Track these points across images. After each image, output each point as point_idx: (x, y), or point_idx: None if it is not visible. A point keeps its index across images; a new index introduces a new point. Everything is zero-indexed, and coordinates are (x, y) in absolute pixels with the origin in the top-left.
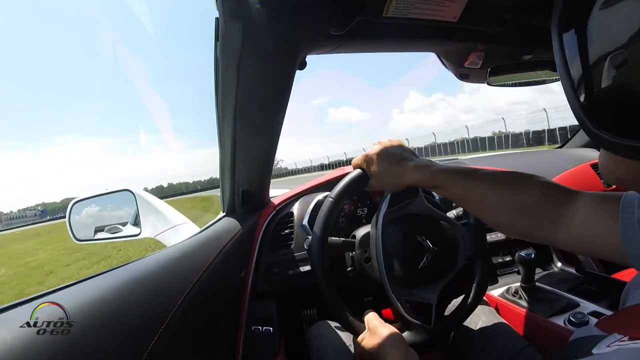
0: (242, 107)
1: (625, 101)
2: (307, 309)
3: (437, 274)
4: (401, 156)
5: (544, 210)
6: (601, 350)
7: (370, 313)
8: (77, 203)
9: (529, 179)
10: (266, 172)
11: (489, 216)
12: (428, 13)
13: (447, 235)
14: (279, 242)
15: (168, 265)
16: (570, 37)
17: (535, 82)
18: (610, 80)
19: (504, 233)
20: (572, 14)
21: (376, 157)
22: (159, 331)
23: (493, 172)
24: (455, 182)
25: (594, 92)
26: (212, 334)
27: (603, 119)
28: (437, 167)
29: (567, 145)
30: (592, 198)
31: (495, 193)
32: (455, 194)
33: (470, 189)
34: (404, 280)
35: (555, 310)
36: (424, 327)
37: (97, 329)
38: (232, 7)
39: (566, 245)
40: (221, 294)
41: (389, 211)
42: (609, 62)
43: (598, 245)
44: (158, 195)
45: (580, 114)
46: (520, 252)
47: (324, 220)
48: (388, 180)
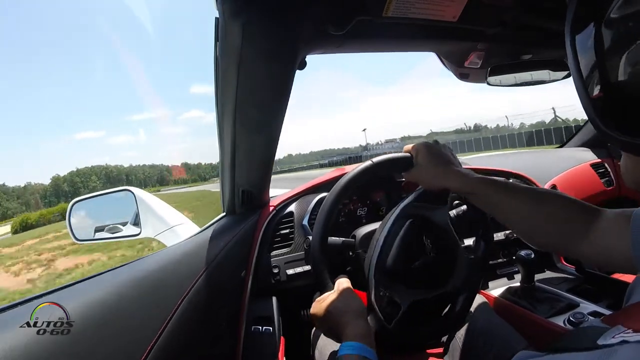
0: (242, 107)
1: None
2: (307, 309)
3: (422, 283)
4: (449, 159)
5: (569, 225)
6: (606, 341)
7: (344, 278)
8: (77, 203)
9: (558, 195)
10: (266, 172)
11: (518, 226)
12: (428, 13)
13: (449, 256)
14: (279, 242)
15: (168, 265)
16: (584, 37)
17: (535, 82)
18: (626, 76)
19: (529, 243)
20: (586, 15)
21: (428, 149)
22: (159, 331)
23: (526, 187)
24: (492, 192)
25: (607, 91)
26: (212, 333)
27: (614, 117)
28: (475, 175)
29: (568, 145)
30: (610, 214)
31: (527, 205)
32: (490, 203)
33: (505, 199)
34: (391, 271)
35: (555, 311)
36: (382, 323)
37: (97, 329)
38: (232, 7)
39: (587, 258)
40: (221, 294)
41: (412, 204)
42: (625, 60)
43: (613, 258)
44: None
45: (591, 113)
46: (520, 252)
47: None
48: (430, 175)
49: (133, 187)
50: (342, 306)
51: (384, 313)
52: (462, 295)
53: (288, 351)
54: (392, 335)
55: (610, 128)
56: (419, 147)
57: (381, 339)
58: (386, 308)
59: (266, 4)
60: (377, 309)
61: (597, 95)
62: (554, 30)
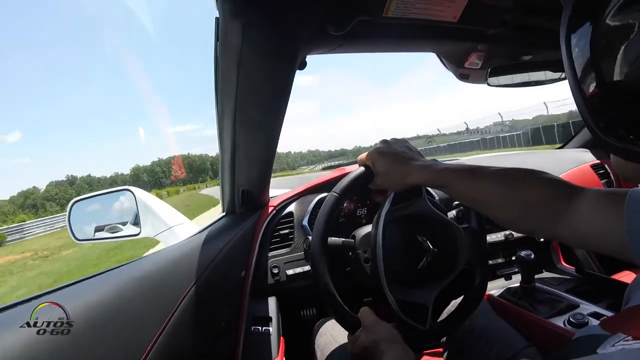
0: (242, 107)
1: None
2: (306, 309)
3: (436, 276)
4: (407, 155)
5: (547, 207)
6: (606, 350)
7: (366, 309)
8: (77, 202)
9: (532, 175)
10: (266, 172)
11: (494, 213)
12: (428, 13)
13: (447, 238)
14: (278, 242)
15: (168, 265)
16: (579, 36)
17: (535, 83)
18: (622, 77)
19: (510, 229)
20: (582, 15)
21: (382, 155)
22: (159, 331)
23: (497, 169)
24: (460, 181)
25: (602, 93)
26: (212, 334)
27: (609, 121)
28: (442, 166)
29: (568, 145)
30: (597, 194)
31: (500, 191)
32: (461, 193)
33: (475, 187)
34: (402, 279)
35: (555, 311)
36: (418, 329)
37: (97, 329)
38: (232, 7)
39: (570, 241)
40: (221, 294)
41: (391, 210)
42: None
43: (601, 242)
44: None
45: (588, 119)
46: (520, 252)
47: (325, 216)
48: (393, 179)
49: (133, 187)
50: (375, 337)
51: (414, 319)
52: (476, 266)
53: (288, 351)
54: (431, 334)
55: (606, 132)
56: (372, 155)
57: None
58: (414, 314)
59: (266, 4)
60: (406, 319)
61: (592, 95)
62: (554, 30)
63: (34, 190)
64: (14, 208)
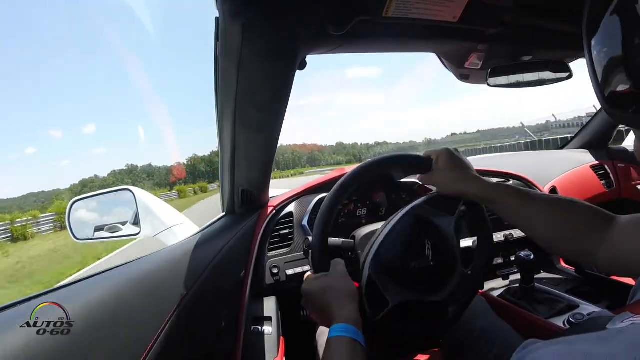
0: (242, 107)
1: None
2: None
3: (414, 286)
4: (467, 165)
5: (586, 230)
6: (615, 325)
7: (340, 259)
8: (77, 202)
9: (574, 203)
10: (266, 172)
11: (536, 233)
12: (428, 13)
13: (446, 265)
14: (278, 242)
15: (168, 265)
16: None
17: (535, 83)
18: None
19: (548, 250)
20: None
21: (450, 155)
22: (159, 331)
23: (543, 194)
24: (510, 199)
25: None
26: (211, 333)
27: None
28: (493, 182)
29: (568, 147)
30: (629, 220)
31: (545, 214)
32: (508, 210)
33: (523, 206)
34: (387, 265)
35: (555, 311)
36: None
37: (97, 328)
38: (232, 7)
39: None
40: (221, 294)
41: (422, 205)
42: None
43: (632, 264)
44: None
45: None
46: (520, 253)
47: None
48: (448, 180)
49: (133, 187)
50: (337, 287)
51: (371, 305)
52: (452, 307)
53: (288, 351)
54: (375, 327)
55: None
56: (440, 152)
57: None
58: (374, 300)
59: (266, 4)
60: (365, 299)
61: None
62: (555, 31)
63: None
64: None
